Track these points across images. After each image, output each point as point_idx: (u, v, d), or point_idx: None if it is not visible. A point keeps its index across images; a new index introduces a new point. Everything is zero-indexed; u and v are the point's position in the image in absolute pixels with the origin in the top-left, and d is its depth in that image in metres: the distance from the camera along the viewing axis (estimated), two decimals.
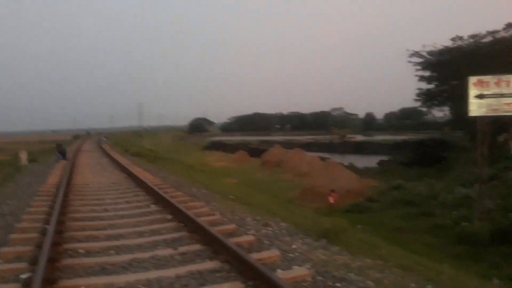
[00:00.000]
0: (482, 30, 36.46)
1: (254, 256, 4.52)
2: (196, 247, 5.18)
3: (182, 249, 5.08)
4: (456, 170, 35.67)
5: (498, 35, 35.23)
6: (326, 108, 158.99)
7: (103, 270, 4.43)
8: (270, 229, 6.37)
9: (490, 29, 35.61)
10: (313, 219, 8.73)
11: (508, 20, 34.62)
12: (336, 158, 51.75)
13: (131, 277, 4.18)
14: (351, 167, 40.29)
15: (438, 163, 45.91)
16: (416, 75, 42.77)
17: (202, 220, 6.14)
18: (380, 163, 53.05)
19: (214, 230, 5.53)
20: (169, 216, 6.96)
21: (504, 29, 34.63)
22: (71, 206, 8.00)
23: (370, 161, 52.94)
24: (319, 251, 5.23)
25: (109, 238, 5.76)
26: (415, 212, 19.25)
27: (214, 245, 5.01)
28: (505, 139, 35.71)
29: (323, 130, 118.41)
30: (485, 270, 10.28)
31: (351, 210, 20.74)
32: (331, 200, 21.77)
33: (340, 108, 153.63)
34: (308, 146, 71.02)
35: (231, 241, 5.01)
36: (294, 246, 5.31)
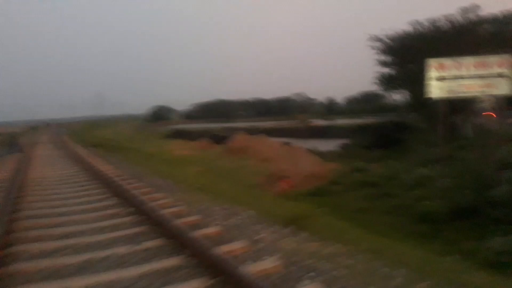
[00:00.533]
0: (438, 14, 37.49)
1: (222, 249, 4.33)
2: (160, 242, 4.92)
3: (145, 244, 4.81)
4: (415, 151, 36.80)
5: (453, 19, 36.30)
6: (288, 93, 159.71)
7: (57, 273, 4.11)
8: (238, 218, 6.19)
9: (445, 13, 36.64)
10: (281, 205, 8.64)
11: (462, 3, 35.69)
12: (300, 143, 52.19)
13: (88, 280, 3.88)
14: (314, 151, 40.71)
15: (397, 145, 47.18)
16: (376, 59, 43.50)
17: (165, 212, 5.87)
18: (342, 146, 54.01)
19: (179, 222, 5.29)
20: (131, 209, 6.64)
21: (459, 13, 35.70)
22: (24, 203, 7.49)
23: (332, 145, 53.74)
24: (288, 239, 5.11)
25: (65, 236, 5.40)
26: (377, 193, 19.61)
27: (179, 239, 4.77)
28: (459, 119, 37.14)
29: (287, 115, 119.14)
30: (445, 247, 10.58)
31: (315, 193, 20.88)
32: (284, 185, 21.87)
33: (302, 93, 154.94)
34: (272, 132, 71.12)
35: (197, 234, 4.80)
36: (263, 235, 5.16)
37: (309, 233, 5.49)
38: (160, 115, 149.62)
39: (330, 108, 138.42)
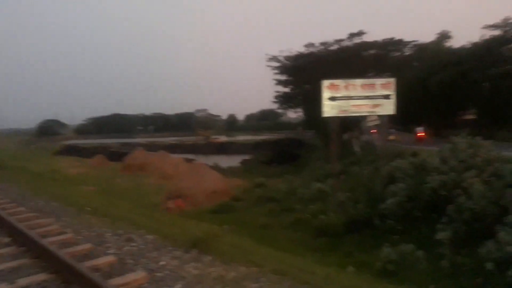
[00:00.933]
0: (330, 39, 40.43)
1: (115, 282, 3.89)
2: (42, 277, 4.28)
3: (22, 282, 4.14)
4: (311, 166, 38.76)
5: (343, 44, 39.44)
6: (190, 109, 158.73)
7: None
8: (134, 244, 5.70)
9: (337, 37, 39.73)
10: (182, 226, 8.25)
11: (351, 30, 39.01)
12: (201, 159, 51.83)
13: None
14: (216, 167, 40.69)
15: (294, 161, 49.42)
16: (274, 79, 45.36)
17: (49, 241, 5.19)
18: (243, 162, 54.87)
19: (65, 252, 4.68)
20: (6, 240, 5.76)
21: (348, 38, 38.90)
22: None
23: (233, 161, 54.35)
24: (191, 264, 4.81)
25: None
26: (278, 208, 20.12)
27: (65, 273, 4.19)
28: (349, 137, 40.11)
29: (188, 131, 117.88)
30: (343, 259, 11.08)
31: (218, 211, 20.74)
32: (182, 204, 21.50)
33: (204, 110, 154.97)
34: (172, 148, 69.70)
35: (87, 266, 4.27)
36: (162, 263, 4.79)
37: (213, 256, 5.24)
38: (49, 129, 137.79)
39: (232, 125, 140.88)
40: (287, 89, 47.31)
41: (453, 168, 11.07)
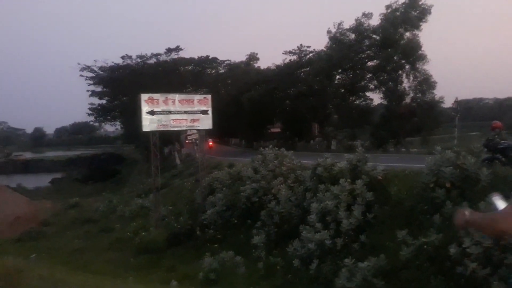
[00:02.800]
0: (148, 52, 40.08)
1: None
2: None
3: None
4: (131, 182, 37.47)
5: (161, 58, 39.53)
6: None
7: None
8: None
9: (155, 51, 39.60)
10: None
11: (169, 45, 39.39)
12: (1, 180, 44.59)
13: None
14: (20, 189, 35.74)
15: (114, 177, 47.05)
16: (88, 90, 42.43)
17: None
18: (53, 181, 49.62)
19: None
20: None
21: (165, 53, 39.16)
22: None
23: (42, 181, 48.57)
24: None
25: None
26: (95, 230, 18.82)
27: None
28: (170, 150, 40.31)
29: None
30: (164, 275, 10.97)
31: (22, 239, 18.18)
32: None
33: (4, 122, 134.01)
34: None
35: None
36: None
37: None
38: None
39: (39, 140, 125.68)
40: (103, 101, 44.76)
41: (264, 177, 12.19)
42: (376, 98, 34.22)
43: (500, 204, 2.14)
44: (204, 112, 16.25)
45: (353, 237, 7.73)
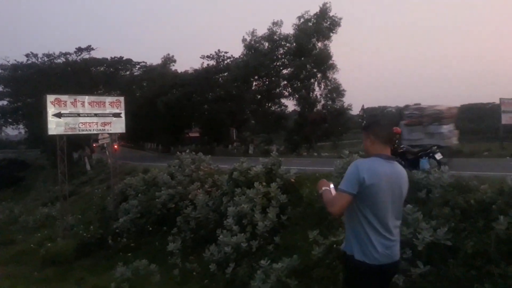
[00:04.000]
0: (56, 50, 37.53)
1: None
2: None
3: None
4: (36, 190, 34.71)
5: (70, 58, 37.24)
6: None
7: None
8: None
9: (63, 50, 37.20)
10: None
11: (79, 44, 37.25)
12: None
13: None
14: None
15: (15, 184, 43.21)
16: None
17: None
18: None
19: None
20: None
21: (75, 52, 36.96)
22: None
23: None
24: None
25: None
26: None
27: None
28: (80, 155, 38.04)
29: None
30: (73, 287, 10.33)
31: None
32: None
33: None
34: None
35: None
36: None
37: None
38: None
39: None
40: (4, 102, 40.94)
41: (180, 182, 12.02)
42: (290, 104, 35.67)
43: (333, 192, 2.98)
44: (117, 115, 15.61)
45: (268, 239, 7.93)
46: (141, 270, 9.44)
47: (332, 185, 3.13)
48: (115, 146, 18.65)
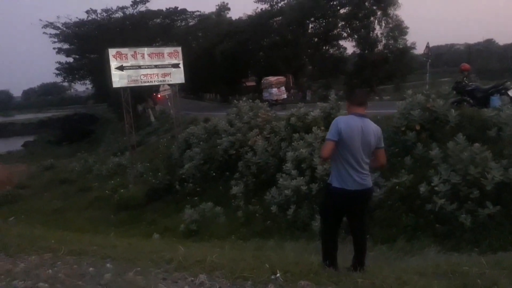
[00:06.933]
0: (113, 5, 38.23)
1: None
2: None
3: None
4: (106, 141, 36.99)
5: (127, 11, 37.85)
6: None
7: None
8: None
9: (120, 4, 37.83)
10: None
11: None
12: None
13: None
14: None
15: (87, 137, 46.26)
16: (54, 48, 40.54)
17: None
18: (26, 144, 48.47)
19: None
20: None
21: (131, 5, 37.45)
22: None
23: (14, 144, 47.37)
24: None
25: None
26: (73, 190, 18.78)
27: None
28: (144, 108, 39.63)
29: None
30: (146, 229, 11.17)
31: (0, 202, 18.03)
32: None
33: None
34: None
35: None
36: None
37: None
38: None
39: (7, 103, 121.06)
40: (70, 59, 42.98)
41: (240, 129, 12.23)
42: (349, 46, 34.11)
43: None
44: (175, 65, 15.92)
45: (327, 182, 7.97)
46: (207, 212, 9.97)
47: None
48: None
